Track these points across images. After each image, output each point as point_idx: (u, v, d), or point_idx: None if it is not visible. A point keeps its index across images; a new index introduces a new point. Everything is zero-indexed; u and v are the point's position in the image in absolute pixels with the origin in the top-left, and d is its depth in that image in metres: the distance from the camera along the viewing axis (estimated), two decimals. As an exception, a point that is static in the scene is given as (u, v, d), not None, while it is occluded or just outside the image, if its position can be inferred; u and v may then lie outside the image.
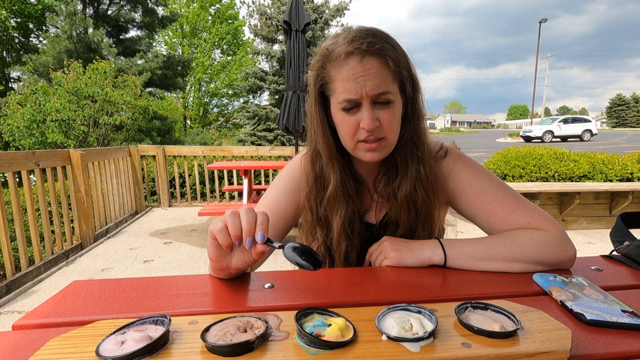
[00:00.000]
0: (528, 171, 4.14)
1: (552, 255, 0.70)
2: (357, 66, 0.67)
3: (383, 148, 0.72)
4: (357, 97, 0.67)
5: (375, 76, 0.67)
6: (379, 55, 0.67)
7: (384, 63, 0.67)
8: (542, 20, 30.29)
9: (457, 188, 0.79)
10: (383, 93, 0.67)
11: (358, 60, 0.67)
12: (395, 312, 0.47)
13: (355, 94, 0.67)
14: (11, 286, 2.50)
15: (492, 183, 0.78)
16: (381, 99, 0.68)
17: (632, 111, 52.58)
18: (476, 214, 0.78)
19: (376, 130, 0.69)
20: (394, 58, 0.68)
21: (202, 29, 20.26)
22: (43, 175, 2.92)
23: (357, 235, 0.81)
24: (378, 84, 0.67)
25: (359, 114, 0.69)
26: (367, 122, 0.68)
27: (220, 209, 3.74)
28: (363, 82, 0.66)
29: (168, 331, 0.42)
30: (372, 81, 0.66)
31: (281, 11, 10.77)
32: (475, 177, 0.78)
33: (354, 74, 0.67)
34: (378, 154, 0.72)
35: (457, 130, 72.13)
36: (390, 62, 0.68)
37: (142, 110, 6.81)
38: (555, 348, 0.41)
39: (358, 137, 0.71)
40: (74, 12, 9.42)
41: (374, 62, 0.67)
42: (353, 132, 0.71)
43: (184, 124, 20.67)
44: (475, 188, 0.78)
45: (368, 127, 0.68)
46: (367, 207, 0.85)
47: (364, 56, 0.67)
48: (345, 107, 0.70)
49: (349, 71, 0.67)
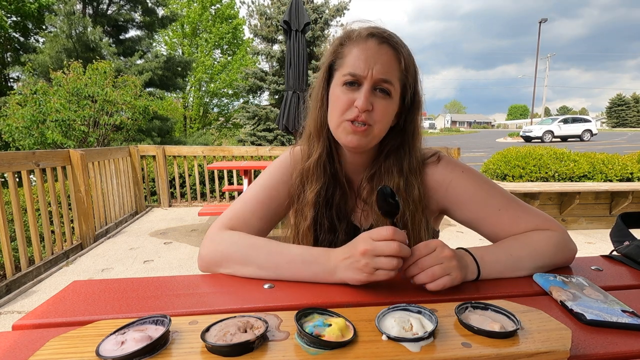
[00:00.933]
0: (528, 171, 4.14)
1: (564, 256, 0.72)
2: (373, 47, 0.70)
3: (366, 135, 0.72)
4: (362, 74, 0.69)
5: (385, 63, 0.70)
6: (395, 49, 0.71)
7: (397, 57, 0.71)
8: (542, 20, 30.30)
9: (457, 199, 0.78)
10: (386, 80, 0.70)
11: (376, 43, 0.70)
12: (395, 312, 0.47)
13: (362, 70, 0.69)
14: (11, 286, 2.50)
15: (493, 191, 0.77)
16: (383, 85, 0.70)
17: (632, 111, 52.58)
18: (480, 224, 0.77)
19: (367, 114, 0.70)
20: (406, 59, 0.71)
21: (203, 29, 20.26)
22: (43, 175, 2.92)
23: (342, 231, 0.81)
24: (386, 70, 0.69)
25: (356, 93, 0.71)
26: (362, 100, 0.69)
27: (220, 209, 3.74)
28: (373, 63, 0.69)
29: (168, 331, 0.42)
30: (381, 65, 0.69)
31: (281, 11, 10.77)
32: (476, 187, 0.77)
33: (367, 53, 0.70)
34: (359, 139, 0.71)
35: (457, 130, 72.15)
36: (402, 60, 0.71)
37: (142, 110, 6.81)
38: (555, 348, 0.41)
39: (347, 115, 0.71)
40: (72, 11, 9.41)
41: (389, 51, 0.70)
42: (344, 109, 0.71)
43: (184, 124, 20.67)
44: (478, 198, 0.76)
45: (362, 106, 0.69)
46: (352, 208, 0.85)
47: (383, 42, 0.70)
48: (347, 81, 0.71)
49: (363, 49, 0.70)
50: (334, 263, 0.62)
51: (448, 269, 0.59)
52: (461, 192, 0.77)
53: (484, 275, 0.65)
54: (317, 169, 0.79)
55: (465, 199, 0.77)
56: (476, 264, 0.65)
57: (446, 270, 0.59)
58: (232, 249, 0.69)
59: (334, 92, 0.74)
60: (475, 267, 0.65)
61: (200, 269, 0.72)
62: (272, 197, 0.82)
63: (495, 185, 0.79)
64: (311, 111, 0.81)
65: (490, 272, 0.66)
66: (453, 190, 0.78)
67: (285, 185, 0.83)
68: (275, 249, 0.67)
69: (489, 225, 0.76)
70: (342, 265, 0.60)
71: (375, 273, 0.57)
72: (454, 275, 0.59)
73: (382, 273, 0.57)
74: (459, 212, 0.79)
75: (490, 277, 0.66)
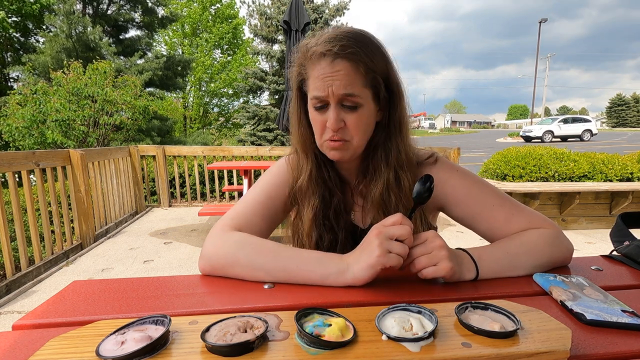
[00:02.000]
0: (528, 171, 4.14)
1: (560, 254, 0.72)
2: (327, 67, 0.69)
3: (346, 149, 0.74)
4: (324, 95, 0.70)
5: (343, 78, 0.68)
6: (349, 59, 0.69)
7: (354, 67, 0.69)
8: (542, 20, 30.30)
9: (454, 197, 0.80)
10: (349, 95, 0.69)
11: (329, 62, 0.69)
12: (395, 312, 0.47)
13: (322, 91, 0.70)
14: (11, 286, 2.50)
15: (488, 190, 0.79)
16: (347, 100, 0.70)
17: (632, 111, 52.58)
18: (476, 220, 0.79)
19: (341, 131, 0.72)
20: (367, 63, 0.69)
21: (203, 29, 20.27)
22: (43, 175, 2.92)
23: (341, 230, 0.83)
24: (345, 85, 0.69)
25: (326, 113, 0.72)
26: (332, 121, 0.70)
27: (220, 209, 3.74)
28: (331, 82, 0.69)
29: (168, 331, 0.42)
30: (339, 82, 0.68)
31: (281, 11, 10.76)
32: (472, 186, 0.80)
33: (323, 74, 0.69)
34: (340, 153, 0.74)
35: (457, 130, 72.12)
36: (362, 66, 0.69)
37: (142, 110, 6.81)
38: (555, 348, 0.41)
39: (325, 136, 0.74)
40: (71, 11, 9.41)
41: (343, 65, 0.69)
42: (321, 130, 0.74)
43: (184, 124, 20.67)
44: (473, 196, 0.79)
45: (332, 126, 0.71)
46: (351, 206, 0.87)
47: (335, 58, 0.69)
48: (315, 105, 0.73)
49: (319, 71, 0.70)
50: (346, 261, 0.62)
51: (437, 259, 0.60)
52: (456, 190, 0.79)
53: (483, 275, 0.65)
54: (311, 185, 0.81)
55: (460, 197, 0.79)
56: (474, 263, 0.65)
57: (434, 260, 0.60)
58: (239, 252, 0.68)
59: (310, 114, 0.76)
60: (474, 266, 0.65)
61: (203, 271, 0.70)
62: (273, 197, 0.84)
63: (490, 185, 0.81)
64: (292, 130, 0.83)
65: (489, 271, 0.66)
66: (449, 188, 0.80)
67: (284, 186, 0.85)
68: (284, 252, 0.67)
69: (484, 222, 0.78)
70: (354, 258, 0.62)
71: (388, 256, 0.58)
72: (448, 267, 0.60)
73: (394, 256, 0.58)
74: (455, 209, 0.81)
75: (489, 277, 0.66)
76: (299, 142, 0.82)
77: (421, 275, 0.61)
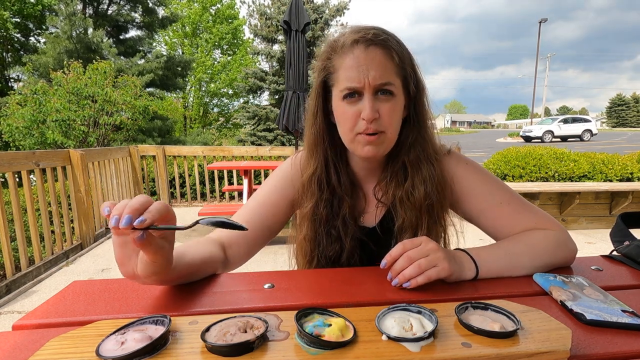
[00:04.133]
0: (528, 171, 4.14)
1: (563, 255, 0.71)
2: (361, 54, 0.67)
3: (382, 143, 0.71)
4: (359, 86, 0.67)
5: (379, 66, 0.67)
6: (383, 47, 0.67)
7: (389, 55, 0.68)
8: (542, 20, 30.29)
9: (463, 191, 0.78)
10: (385, 83, 0.67)
11: (363, 49, 0.67)
12: (395, 312, 0.47)
13: (358, 82, 0.67)
14: (11, 286, 2.50)
15: (497, 186, 0.78)
16: (384, 88, 0.68)
17: (632, 111, 52.56)
18: (482, 217, 0.78)
19: (375, 122, 0.68)
20: (399, 52, 0.68)
21: (204, 29, 20.27)
22: (43, 175, 2.92)
23: (349, 238, 0.79)
24: (381, 73, 0.67)
25: (359, 104, 0.69)
26: (368, 111, 0.67)
27: (220, 209, 3.74)
28: (366, 71, 0.66)
29: (168, 331, 0.42)
30: (375, 70, 0.66)
31: (281, 11, 10.77)
32: (480, 180, 0.78)
33: (357, 62, 0.67)
34: (376, 148, 0.70)
35: (457, 130, 72.12)
36: (395, 55, 0.68)
37: (142, 110, 6.82)
38: (555, 348, 0.41)
39: (357, 129, 0.70)
40: (73, 12, 9.42)
41: (378, 52, 0.67)
42: (353, 123, 0.70)
43: (184, 124, 20.67)
44: (481, 191, 0.77)
45: (368, 116, 0.67)
46: (361, 210, 0.84)
47: (369, 45, 0.67)
48: (346, 94, 0.69)
49: (353, 59, 0.68)
50: None
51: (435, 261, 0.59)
52: (466, 184, 0.78)
53: (483, 274, 0.65)
54: (312, 184, 0.79)
55: (469, 191, 0.78)
56: (474, 262, 0.65)
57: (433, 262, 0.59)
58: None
59: (337, 108, 0.72)
60: (473, 265, 0.65)
61: None
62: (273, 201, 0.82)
63: (500, 181, 0.79)
64: (306, 127, 0.81)
65: (489, 271, 0.66)
66: (458, 182, 0.79)
67: (287, 187, 0.83)
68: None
69: (489, 219, 0.77)
70: None
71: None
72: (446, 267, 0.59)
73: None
74: (464, 205, 0.79)
75: (489, 276, 0.66)
76: (310, 140, 0.79)
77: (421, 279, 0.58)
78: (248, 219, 0.79)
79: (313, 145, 0.79)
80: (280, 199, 0.83)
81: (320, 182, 0.79)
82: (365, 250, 0.82)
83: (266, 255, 2.95)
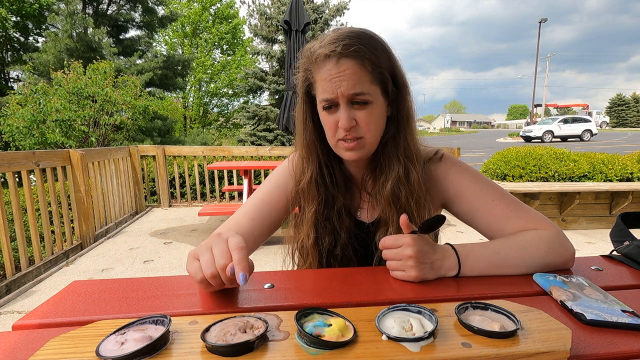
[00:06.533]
0: (528, 171, 4.14)
1: (558, 256, 0.71)
2: (333, 68, 0.69)
3: (361, 147, 0.74)
4: (333, 97, 0.70)
5: (350, 77, 0.69)
6: (354, 57, 0.69)
7: (360, 65, 0.69)
8: (542, 20, 30.29)
9: (455, 192, 0.81)
10: (358, 94, 0.70)
11: (334, 63, 0.69)
12: (395, 312, 0.47)
13: (331, 93, 0.70)
14: (11, 286, 2.50)
15: (489, 186, 0.80)
16: (357, 99, 0.70)
17: (632, 111, 52.55)
18: (475, 216, 0.79)
19: (353, 129, 0.72)
20: (372, 59, 0.70)
21: (203, 29, 20.27)
22: (43, 175, 2.92)
23: (344, 230, 0.83)
24: (353, 84, 0.69)
25: (337, 114, 0.72)
26: (343, 121, 0.71)
27: (220, 209, 3.74)
28: (338, 83, 0.69)
29: (168, 331, 0.42)
30: (347, 82, 0.69)
31: (281, 11, 10.76)
32: (473, 181, 0.80)
33: (330, 76, 0.70)
34: (356, 153, 0.74)
35: (457, 130, 72.08)
36: (367, 63, 0.69)
37: (142, 110, 6.82)
38: (555, 348, 0.41)
39: (337, 135, 0.74)
40: (74, 11, 9.42)
41: (349, 64, 0.69)
42: (333, 131, 0.74)
43: (184, 124, 20.67)
44: (473, 191, 0.79)
45: (344, 126, 0.71)
46: (358, 204, 0.88)
47: (340, 58, 0.69)
48: (324, 106, 0.73)
49: (326, 73, 0.70)
50: None
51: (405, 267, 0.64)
52: (458, 185, 0.80)
53: (465, 272, 0.67)
54: (311, 188, 0.82)
55: (461, 191, 0.80)
56: (458, 261, 0.67)
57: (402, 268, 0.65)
58: None
59: (321, 116, 0.77)
60: (456, 264, 0.67)
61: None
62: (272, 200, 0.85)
63: (493, 183, 0.81)
64: (297, 134, 0.84)
65: (473, 270, 0.67)
66: (451, 183, 0.81)
67: (285, 188, 0.86)
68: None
69: (482, 218, 0.78)
70: None
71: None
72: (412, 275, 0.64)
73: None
74: (457, 204, 0.81)
75: (473, 274, 0.67)
76: (303, 146, 0.82)
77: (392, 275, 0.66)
78: (253, 216, 0.82)
79: (306, 151, 0.82)
80: (281, 197, 0.86)
81: (318, 185, 0.82)
82: (361, 244, 0.85)
83: (266, 256, 2.95)
